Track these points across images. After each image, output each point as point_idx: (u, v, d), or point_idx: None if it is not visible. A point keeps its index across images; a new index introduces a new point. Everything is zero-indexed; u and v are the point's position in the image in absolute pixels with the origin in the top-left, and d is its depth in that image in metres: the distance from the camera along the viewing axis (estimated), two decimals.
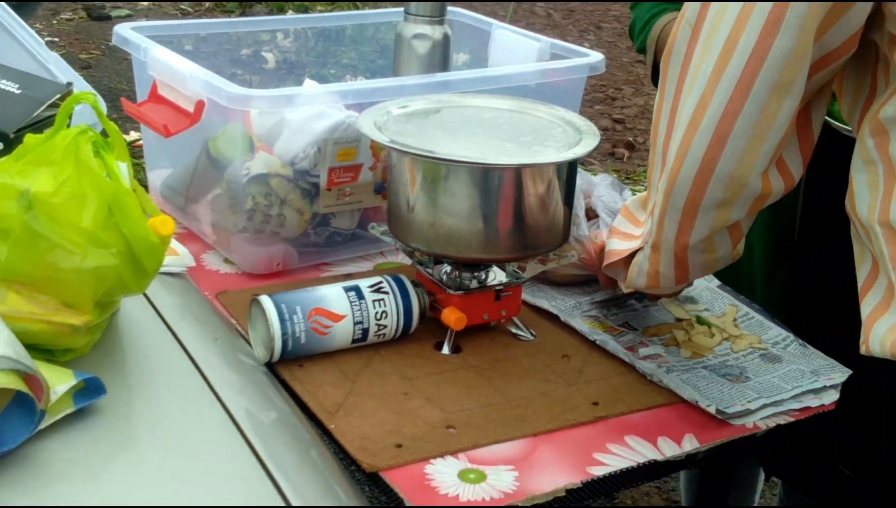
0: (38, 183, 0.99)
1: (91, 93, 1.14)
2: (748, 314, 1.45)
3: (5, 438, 0.88)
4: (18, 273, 0.99)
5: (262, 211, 1.44)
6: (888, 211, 1.00)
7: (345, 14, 1.93)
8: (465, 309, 1.30)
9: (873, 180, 1.04)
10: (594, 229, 1.46)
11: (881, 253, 1.02)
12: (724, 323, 1.41)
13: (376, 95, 1.45)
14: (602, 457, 1.14)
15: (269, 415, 1.10)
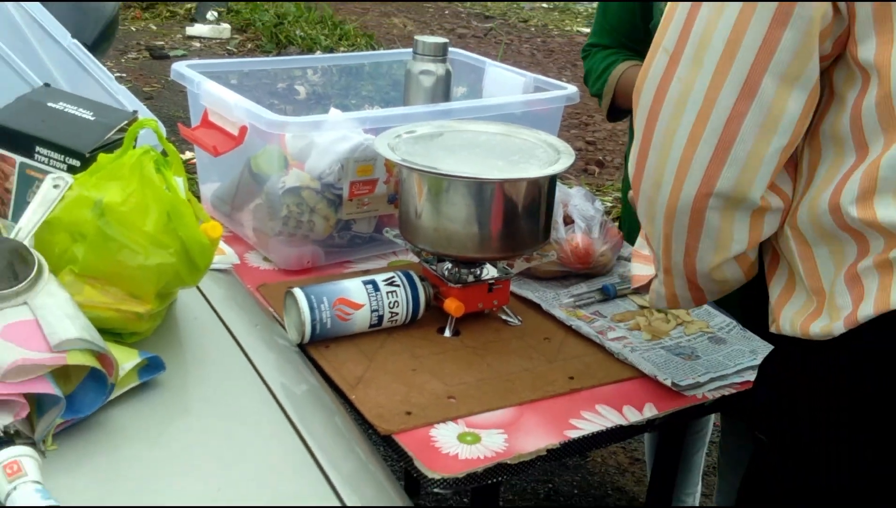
0: (109, 194, 1.00)
1: (153, 120, 1.15)
2: None
3: (82, 406, 0.90)
4: (93, 270, 0.99)
5: (295, 218, 1.45)
6: (795, 216, 0.99)
7: (363, 54, 1.94)
8: (464, 299, 1.31)
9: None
10: (570, 232, 1.48)
11: (789, 250, 1.01)
12: (678, 312, 1.41)
13: (389, 121, 1.45)
14: (577, 422, 1.15)
15: (301, 387, 1.10)
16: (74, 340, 0.89)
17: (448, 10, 9.55)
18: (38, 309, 0.92)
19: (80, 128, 1.20)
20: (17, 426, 0.84)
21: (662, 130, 0.96)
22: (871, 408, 0.94)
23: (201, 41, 7.22)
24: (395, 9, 9.21)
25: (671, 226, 1.00)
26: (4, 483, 0.77)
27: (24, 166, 1.18)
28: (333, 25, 7.52)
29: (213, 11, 7.86)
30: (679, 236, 1.01)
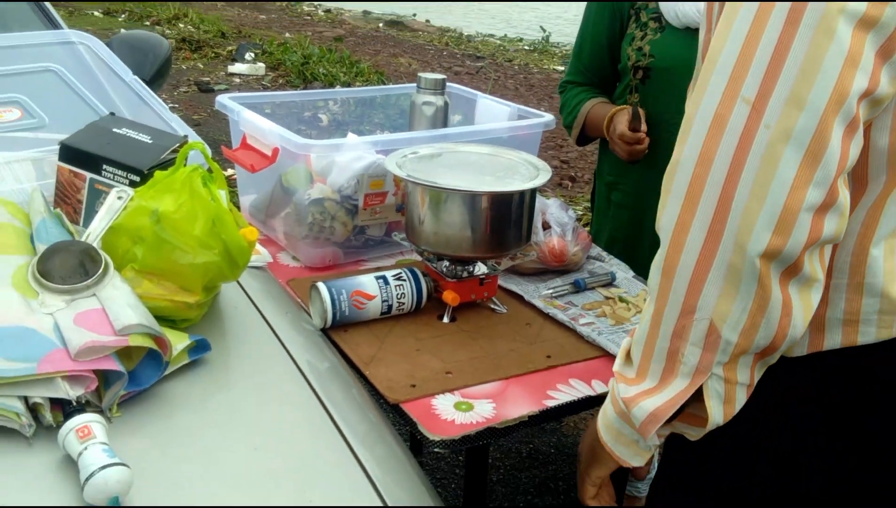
0: (164, 204, 1.00)
1: (200, 142, 1.15)
2: None
3: (141, 380, 0.90)
4: (150, 267, 1.00)
5: (319, 224, 1.45)
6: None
7: (375, 88, 1.94)
8: (459, 291, 1.31)
9: None
10: (548, 236, 1.48)
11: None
12: (637, 301, 1.42)
13: (397, 144, 1.46)
14: (553, 393, 1.15)
15: (324, 364, 1.10)
16: (135, 325, 0.89)
17: (445, 51, 9.57)
18: (105, 300, 0.93)
19: (140, 149, 1.21)
20: (87, 397, 0.85)
21: (751, 180, 0.71)
22: (842, 417, 0.87)
23: (240, 77, 7.23)
24: (401, 50, 9.22)
25: (765, 291, 0.74)
26: (77, 443, 0.77)
27: (93, 182, 1.18)
28: (350, 64, 7.53)
29: (250, 53, 7.88)
30: (773, 302, 0.74)
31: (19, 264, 0.96)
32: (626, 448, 0.88)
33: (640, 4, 1.63)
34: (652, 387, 0.82)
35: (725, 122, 0.73)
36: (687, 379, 0.79)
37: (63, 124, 1.29)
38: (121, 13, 10.49)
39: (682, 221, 0.76)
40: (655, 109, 1.61)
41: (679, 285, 0.77)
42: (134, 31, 2.04)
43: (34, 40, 1.57)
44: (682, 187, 0.76)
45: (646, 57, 1.60)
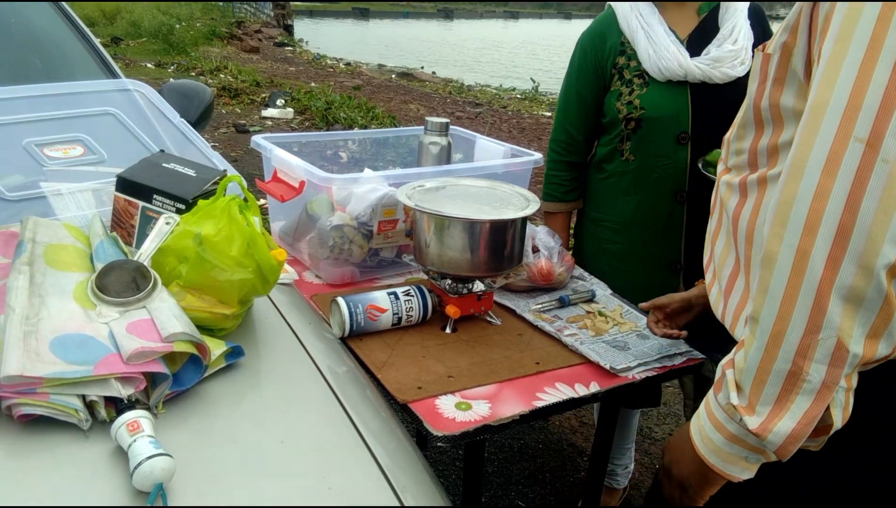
0: (205, 229, 1.00)
1: (237, 176, 1.14)
2: (629, 310, 1.44)
3: (184, 382, 0.90)
4: (193, 283, 1.00)
5: (339, 247, 1.45)
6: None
7: (388, 130, 1.92)
8: (460, 305, 1.31)
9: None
10: (536, 258, 1.47)
11: (749, 260, 0.88)
12: (614, 315, 1.41)
13: (407, 178, 1.46)
14: (541, 395, 1.14)
15: (342, 368, 1.10)
16: (179, 333, 0.89)
17: (449, 99, 9.61)
18: (154, 311, 0.93)
19: (185, 181, 1.21)
20: (137, 396, 0.84)
21: (873, 207, 0.70)
22: (853, 425, 0.81)
23: (272, 120, 7.26)
24: (411, 98, 9.27)
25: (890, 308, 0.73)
26: (127, 436, 0.77)
27: (144, 209, 1.18)
28: (367, 109, 7.57)
29: (281, 99, 7.93)
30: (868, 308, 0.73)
31: (80, 280, 0.97)
32: (736, 466, 0.83)
33: (622, 63, 1.62)
34: (772, 410, 0.78)
35: (840, 159, 0.71)
36: (811, 396, 0.76)
37: (119, 160, 1.29)
38: (170, 65, 10.58)
39: (802, 249, 0.73)
40: (645, 152, 1.61)
41: (802, 307, 0.74)
42: (181, 81, 2.05)
43: (96, 88, 1.58)
44: (800, 219, 0.73)
45: (637, 109, 1.59)
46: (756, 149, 0.91)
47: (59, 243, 1.03)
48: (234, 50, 13.63)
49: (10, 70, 1.84)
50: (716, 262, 0.99)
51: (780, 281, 0.75)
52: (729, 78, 1.54)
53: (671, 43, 1.56)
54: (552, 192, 1.78)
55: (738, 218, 0.92)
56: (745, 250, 0.90)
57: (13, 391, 0.78)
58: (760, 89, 0.87)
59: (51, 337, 0.84)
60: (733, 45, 1.54)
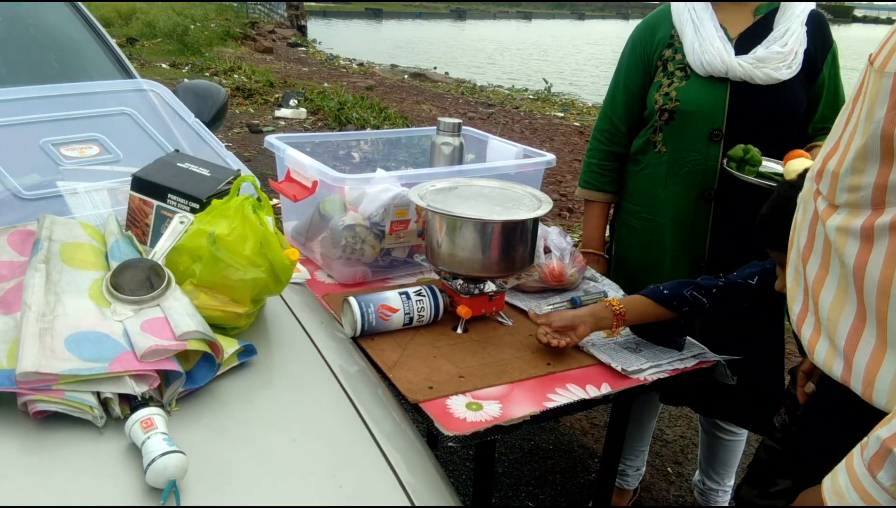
0: (219, 228, 1.00)
1: (251, 176, 1.15)
2: None
3: (197, 379, 0.90)
4: (207, 282, 1.00)
5: (351, 246, 1.46)
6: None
7: (400, 130, 1.92)
8: (471, 306, 1.31)
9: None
10: (548, 259, 1.47)
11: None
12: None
13: (419, 178, 1.46)
14: (552, 396, 1.14)
15: (353, 368, 1.10)
16: (193, 331, 0.89)
17: (461, 99, 9.61)
18: (167, 309, 0.93)
19: (200, 181, 1.21)
20: (150, 393, 0.85)
21: None
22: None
23: (285, 121, 7.29)
24: (423, 98, 9.27)
25: None
26: (141, 433, 0.77)
27: (159, 208, 1.18)
28: (379, 110, 7.58)
29: (294, 100, 7.95)
30: None
31: (95, 278, 0.97)
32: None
33: (667, 56, 1.62)
34: None
35: None
36: None
37: (135, 159, 1.30)
38: (184, 65, 10.64)
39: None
40: (676, 145, 1.60)
41: None
42: (196, 81, 2.06)
43: (112, 88, 1.59)
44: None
45: (672, 101, 1.58)
46: (884, 186, 0.78)
47: (74, 242, 1.04)
48: (247, 50, 13.70)
49: (28, 70, 1.85)
50: (823, 315, 0.86)
51: None
52: (771, 80, 1.51)
53: (717, 39, 1.54)
54: (589, 179, 1.78)
55: (864, 269, 0.80)
56: (876, 306, 0.79)
57: (29, 388, 0.79)
58: (891, 115, 0.75)
59: (66, 334, 0.85)
60: (782, 47, 1.52)
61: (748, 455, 2.30)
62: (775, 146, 1.49)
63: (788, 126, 1.56)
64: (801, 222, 0.91)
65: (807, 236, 0.89)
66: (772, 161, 1.48)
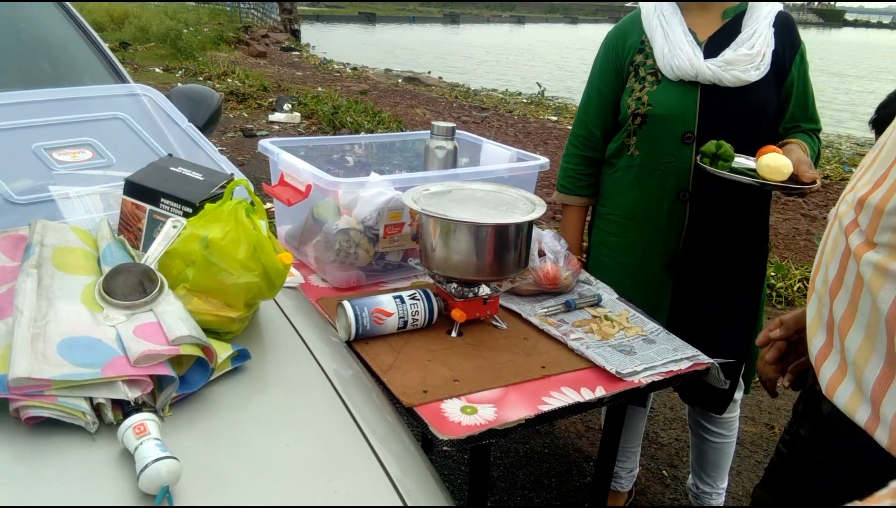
0: (212, 232, 1.00)
1: (244, 180, 1.15)
2: (635, 314, 1.43)
3: (190, 384, 0.90)
4: (200, 286, 1.00)
5: (345, 250, 1.45)
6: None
7: (394, 134, 1.92)
8: (465, 309, 1.31)
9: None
10: (542, 262, 1.47)
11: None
12: (620, 319, 1.40)
13: (413, 182, 1.45)
14: (547, 399, 1.14)
15: (348, 372, 1.10)
16: (186, 336, 0.89)
17: (455, 103, 9.63)
18: (160, 314, 0.93)
19: (193, 185, 1.21)
20: (143, 399, 0.85)
21: None
22: None
23: (279, 125, 7.29)
24: (417, 102, 9.28)
25: None
26: (133, 439, 0.77)
27: (152, 212, 1.18)
28: (373, 114, 7.59)
29: (288, 104, 7.95)
30: None
31: (87, 283, 0.97)
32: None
33: (638, 61, 1.64)
34: None
35: None
36: None
37: (127, 164, 1.29)
38: (178, 70, 10.63)
39: None
40: (650, 149, 1.63)
41: None
42: (189, 85, 2.05)
43: (105, 92, 1.59)
44: None
45: (644, 105, 1.61)
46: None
47: (67, 246, 1.04)
48: (241, 55, 13.69)
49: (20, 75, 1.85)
50: (850, 357, 0.83)
51: None
52: (740, 82, 1.53)
53: (687, 43, 1.57)
54: (566, 184, 1.82)
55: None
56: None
57: (21, 394, 0.79)
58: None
59: (58, 340, 0.85)
60: (749, 49, 1.54)
61: (743, 458, 2.30)
62: (747, 146, 1.52)
63: (759, 126, 1.59)
64: (832, 252, 0.85)
65: (837, 269, 0.83)
66: (744, 157, 1.51)
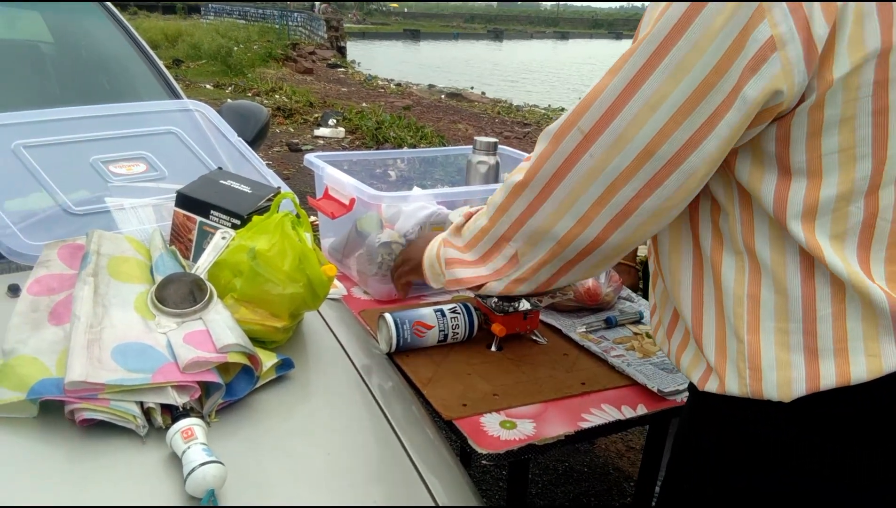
0: (259, 244, 1.01)
1: (290, 193, 1.15)
2: None
3: (236, 391, 0.91)
4: (247, 296, 1.01)
5: (387, 263, 1.45)
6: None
7: (436, 149, 1.92)
8: (506, 324, 1.30)
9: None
10: None
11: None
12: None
13: (455, 196, 1.46)
14: (587, 416, 1.12)
15: (388, 384, 1.10)
16: (233, 345, 0.91)
17: (497, 119, 9.64)
18: (209, 323, 0.95)
19: (241, 198, 1.23)
20: (191, 404, 0.86)
21: (567, 190, 0.83)
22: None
23: (324, 140, 7.40)
24: (460, 118, 9.33)
25: (559, 251, 0.88)
26: (181, 443, 0.79)
27: (202, 224, 1.20)
28: (416, 129, 7.65)
29: (333, 119, 8.07)
30: (554, 265, 0.91)
31: (140, 292, 1.00)
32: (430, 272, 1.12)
33: None
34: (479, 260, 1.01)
35: (563, 138, 0.82)
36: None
37: (180, 176, 1.32)
38: (228, 86, 10.90)
39: (503, 205, 0.94)
40: None
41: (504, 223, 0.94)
42: (239, 101, 2.11)
43: (159, 108, 1.63)
44: (511, 181, 0.91)
45: None
46: None
47: (121, 256, 1.07)
48: (288, 71, 13.97)
49: (80, 91, 1.93)
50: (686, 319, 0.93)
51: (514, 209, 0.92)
52: None
53: None
54: None
55: None
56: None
57: (76, 397, 0.82)
58: None
59: (113, 345, 0.87)
60: None
61: None
62: None
63: None
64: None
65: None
66: None
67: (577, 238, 0.86)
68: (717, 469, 0.86)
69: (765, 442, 0.81)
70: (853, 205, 0.73)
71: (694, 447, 0.91)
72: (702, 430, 0.90)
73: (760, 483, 0.82)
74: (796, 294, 0.76)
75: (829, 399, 0.76)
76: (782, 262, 0.77)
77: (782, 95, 0.69)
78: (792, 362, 0.77)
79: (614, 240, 0.84)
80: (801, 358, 0.76)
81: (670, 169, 0.76)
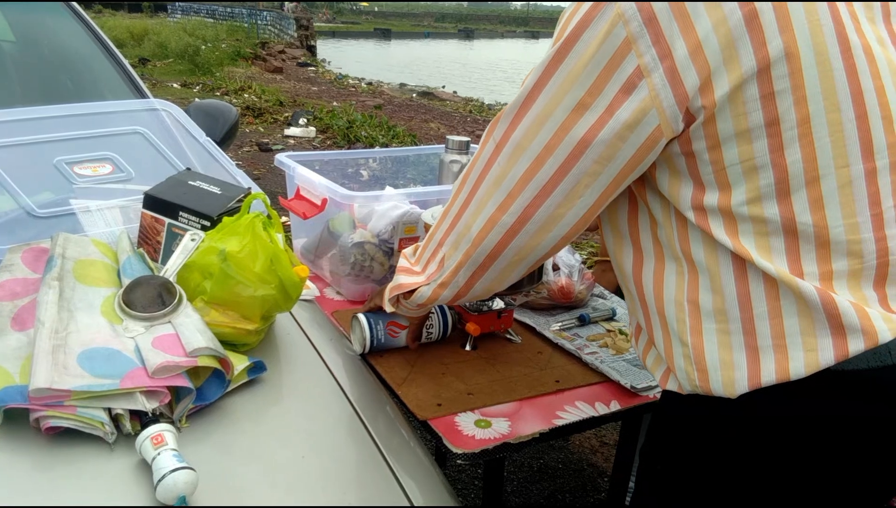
0: (230, 245, 1.01)
1: (261, 193, 1.15)
2: None
3: (207, 396, 0.90)
4: (217, 299, 1.00)
5: (360, 264, 1.45)
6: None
7: (408, 148, 1.92)
8: (480, 323, 1.30)
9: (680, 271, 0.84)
10: (557, 276, 1.47)
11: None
12: None
13: (428, 195, 1.46)
14: (561, 414, 1.13)
15: (362, 384, 1.10)
16: (203, 348, 0.90)
17: (469, 117, 9.66)
18: (178, 326, 0.94)
19: (211, 199, 1.22)
20: (161, 409, 0.85)
21: (482, 194, 0.89)
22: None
23: (294, 139, 7.34)
24: (432, 117, 9.33)
25: (472, 252, 0.92)
26: (151, 449, 0.78)
27: (170, 225, 1.19)
28: (388, 128, 7.63)
29: (303, 118, 8.02)
30: (469, 268, 0.94)
31: (107, 295, 0.98)
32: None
33: None
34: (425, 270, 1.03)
35: (485, 145, 0.88)
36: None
37: (147, 177, 1.31)
38: (196, 85, 10.76)
39: (445, 209, 0.97)
40: None
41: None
42: (207, 100, 2.08)
43: (124, 107, 1.61)
44: (454, 185, 0.95)
45: None
46: None
47: (87, 259, 1.05)
48: (258, 70, 13.84)
49: (43, 91, 1.88)
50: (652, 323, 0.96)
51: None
52: None
53: None
54: None
55: None
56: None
57: (41, 404, 0.80)
58: None
59: (79, 351, 0.86)
60: None
61: None
62: None
63: None
64: None
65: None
66: None
67: (485, 240, 0.89)
68: (686, 458, 0.88)
69: (722, 435, 0.83)
70: (767, 211, 0.76)
71: (665, 436, 0.93)
72: (670, 423, 0.92)
73: (729, 468, 0.84)
74: (732, 294, 0.78)
75: (773, 395, 0.78)
76: (716, 262, 0.79)
77: (654, 116, 0.75)
78: (735, 361, 0.79)
79: (515, 245, 0.88)
80: (743, 356, 0.79)
81: (556, 180, 0.82)
